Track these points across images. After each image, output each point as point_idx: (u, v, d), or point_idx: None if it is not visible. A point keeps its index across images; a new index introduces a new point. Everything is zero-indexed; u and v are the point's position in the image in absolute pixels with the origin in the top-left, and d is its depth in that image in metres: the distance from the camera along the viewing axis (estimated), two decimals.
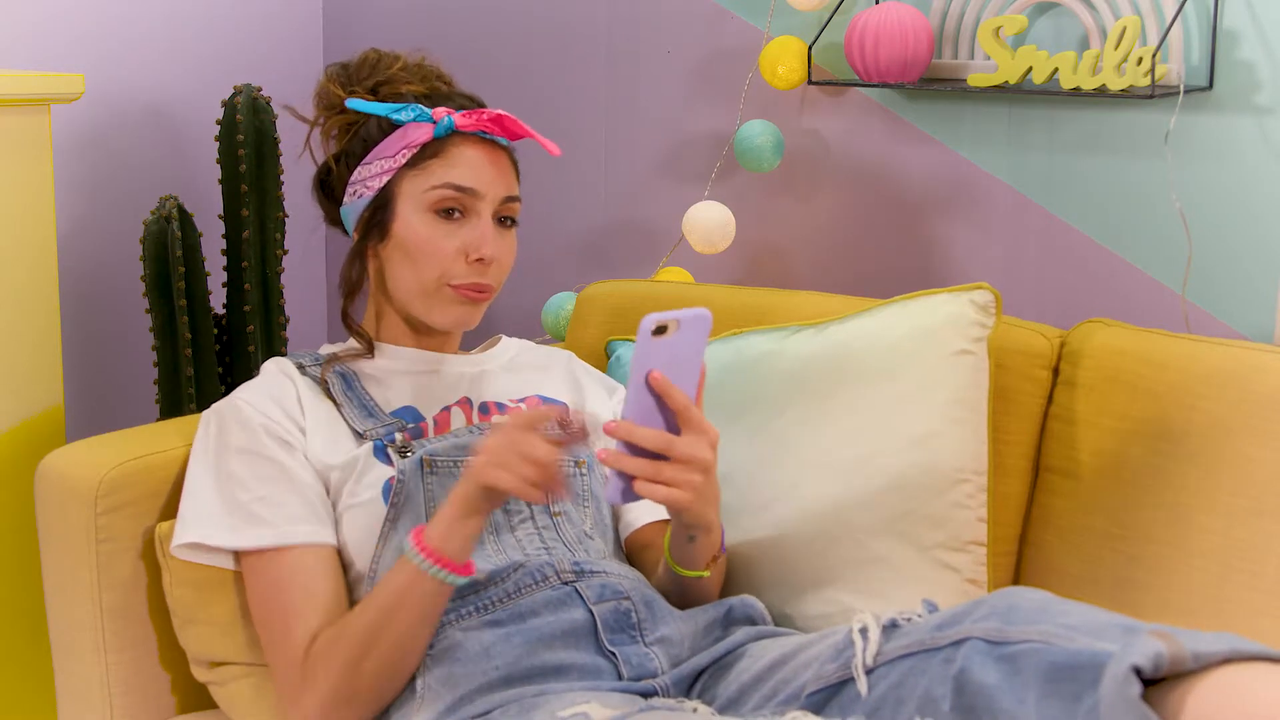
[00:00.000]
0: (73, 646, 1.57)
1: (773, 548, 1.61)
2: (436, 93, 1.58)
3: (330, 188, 1.62)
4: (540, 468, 1.29)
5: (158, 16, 2.28)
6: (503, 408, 1.60)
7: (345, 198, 1.59)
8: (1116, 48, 1.70)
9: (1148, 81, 1.68)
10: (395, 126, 1.55)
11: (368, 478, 1.48)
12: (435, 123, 1.53)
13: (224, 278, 2.16)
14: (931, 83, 1.91)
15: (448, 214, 1.53)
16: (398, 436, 1.51)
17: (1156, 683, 1.06)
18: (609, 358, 1.86)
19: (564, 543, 1.50)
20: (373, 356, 1.58)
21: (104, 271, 2.23)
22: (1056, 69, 1.75)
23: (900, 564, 1.57)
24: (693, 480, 1.32)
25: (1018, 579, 1.69)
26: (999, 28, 1.79)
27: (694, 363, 1.32)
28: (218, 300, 2.16)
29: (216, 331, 2.14)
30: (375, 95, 1.58)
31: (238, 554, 1.48)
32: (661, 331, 1.28)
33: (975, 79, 1.81)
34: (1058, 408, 1.68)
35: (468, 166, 1.53)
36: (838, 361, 1.66)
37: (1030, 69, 1.77)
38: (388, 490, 1.47)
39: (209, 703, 1.58)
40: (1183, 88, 1.72)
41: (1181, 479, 1.55)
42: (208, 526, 1.47)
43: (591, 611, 1.41)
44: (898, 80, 1.87)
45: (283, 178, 2.14)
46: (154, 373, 2.10)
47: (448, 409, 1.57)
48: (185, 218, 2.03)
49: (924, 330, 1.63)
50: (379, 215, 1.55)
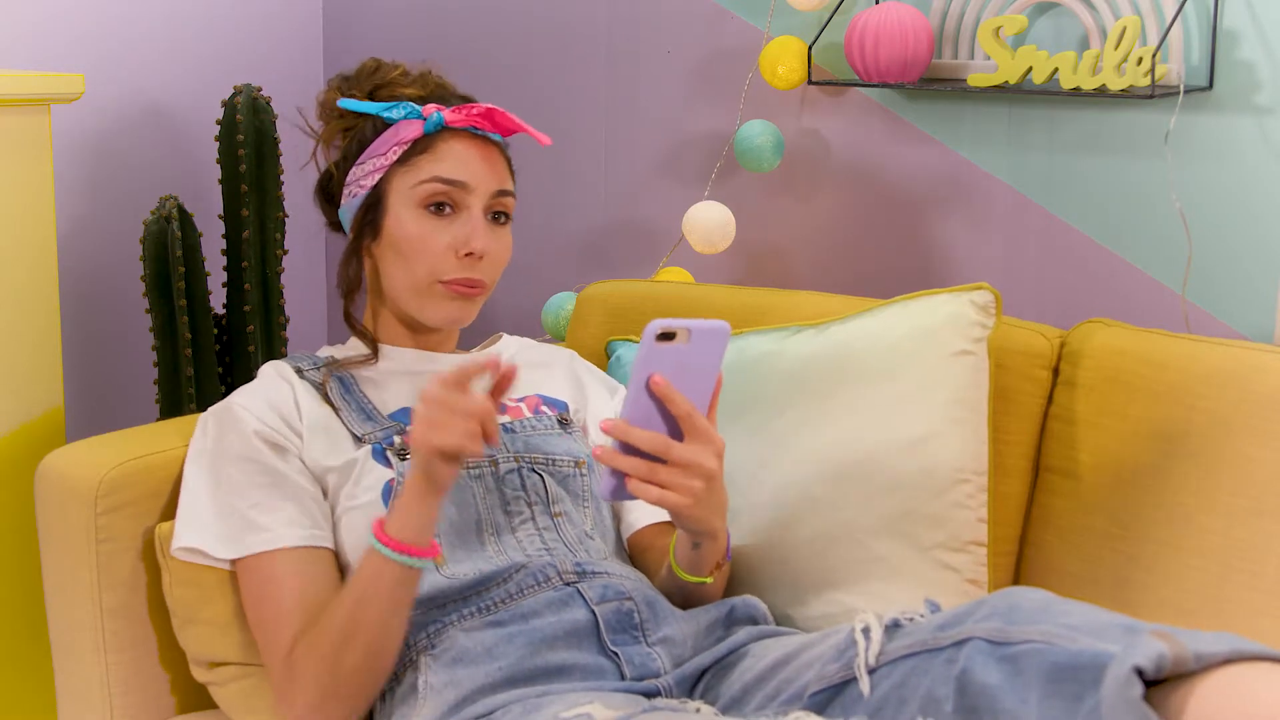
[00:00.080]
0: (73, 646, 1.57)
1: (773, 548, 1.61)
2: (433, 95, 1.59)
3: (330, 193, 1.62)
4: (476, 419, 1.29)
5: (158, 16, 2.27)
6: (503, 407, 1.60)
7: (342, 198, 1.59)
8: (1116, 48, 1.70)
9: (1148, 81, 1.68)
10: (388, 125, 1.55)
11: (366, 480, 1.48)
12: (425, 119, 1.53)
13: (224, 278, 2.16)
14: (931, 83, 1.90)
15: (438, 209, 1.53)
16: (396, 439, 1.50)
17: (1158, 683, 1.06)
18: (609, 357, 1.86)
19: (565, 543, 1.49)
20: (377, 361, 1.58)
21: (104, 271, 2.23)
22: (1056, 69, 1.75)
23: (900, 564, 1.57)
24: (691, 486, 1.31)
25: (1018, 579, 1.69)
26: (999, 28, 1.79)
27: (706, 373, 1.31)
28: (218, 300, 2.16)
29: (216, 331, 2.14)
30: (373, 99, 1.59)
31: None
32: (668, 338, 1.28)
33: (975, 79, 1.81)
34: (1058, 408, 1.68)
35: (456, 160, 1.53)
36: (838, 361, 1.66)
37: (1030, 69, 1.77)
38: (387, 492, 1.47)
39: (209, 703, 1.58)
40: (1183, 88, 1.72)
41: (1181, 479, 1.55)
42: (204, 534, 1.47)
43: (594, 612, 1.41)
44: (898, 80, 1.87)
45: (283, 178, 2.14)
46: (154, 373, 2.10)
47: None
48: (185, 218, 2.03)
49: (924, 330, 1.63)
50: (371, 213, 1.55)
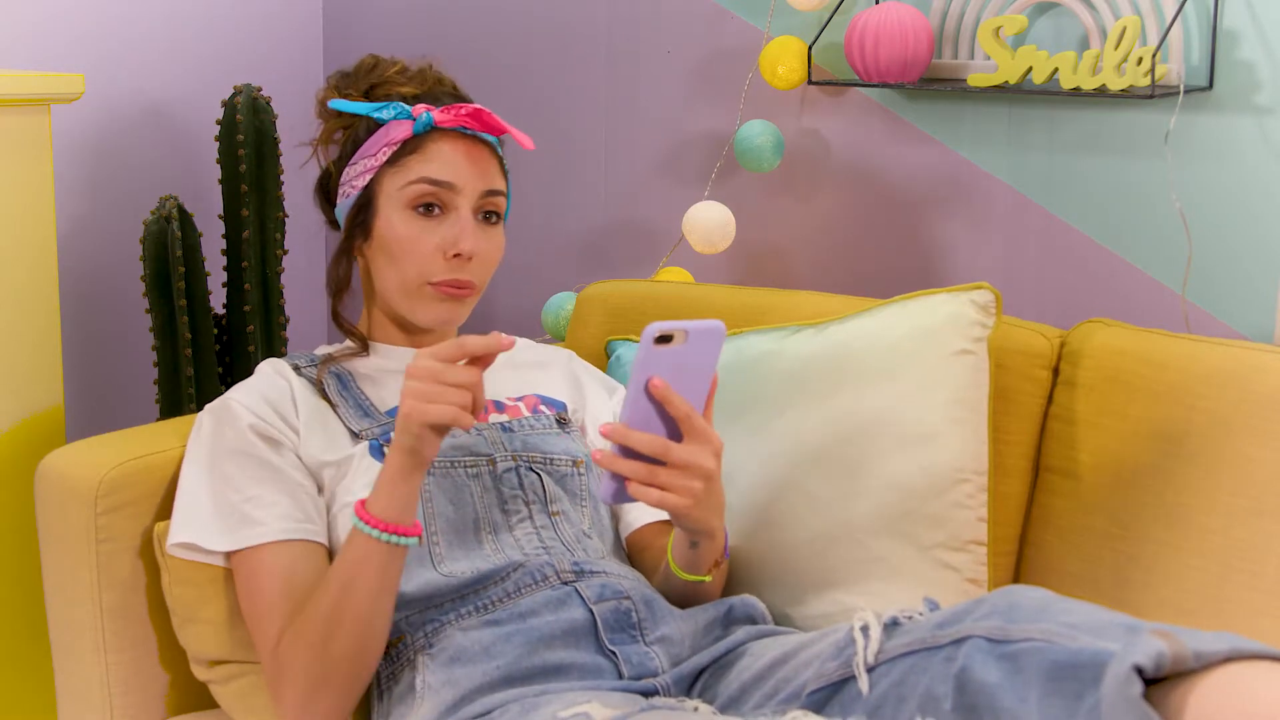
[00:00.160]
0: (73, 646, 1.57)
1: (773, 548, 1.61)
2: (428, 93, 1.59)
3: (329, 192, 1.62)
4: (468, 390, 1.30)
5: (158, 16, 2.27)
6: (501, 406, 1.60)
7: (338, 198, 1.60)
8: (1116, 48, 1.70)
9: (1148, 81, 1.68)
10: (380, 126, 1.55)
11: (363, 477, 1.48)
12: (415, 120, 1.53)
13: (224, 278, 2.16)
14: (931, 83, 1.90)
15: (427, 210, 1.53)
16: (393, 435, 1.50)
17: (1158, 681, 1.06)
18: (609, 357, 1.86)
19: (563, 542, 1.49)
20: (367, 354, 1.58)
21: (104, 271, 2.23)
22: (1056, 69, 1.75)
23: (900, 564, 1.57)
24: (691, 487, 1.31)
25: (1018, 579, 1.69)
26: (999, 28, 1.79)
27: (703, 373, 1.32)
28: (218, 300, 2.16)
29: (216, 331, 2.14)
30: (368, 97, 1.59)
31: (228, 552, 1.48)
32: (666, 340, 1.28)
33: (975, 79, 1.81)
34: (1058, 408, 1.68)
35: (443, 160, 1.53)
36: (838, 361, 1.66)
37: (1030, 69, 1.77)
38: None
39: (209, 702, 1.58)
40: (1183, 88, 1.72)
41: (1181, 479, 1.55)
42: (200, 528, 1.47)
43: (591, 611, 1.41)
44: (898, 80, 1.87)
45: (283, 178, 2.14)
46: (154, 373, 2.10)
47: None
48: (185, 218, 2.03)
49: (924, 330, 1.63)
50: (362, 214, 1.55)
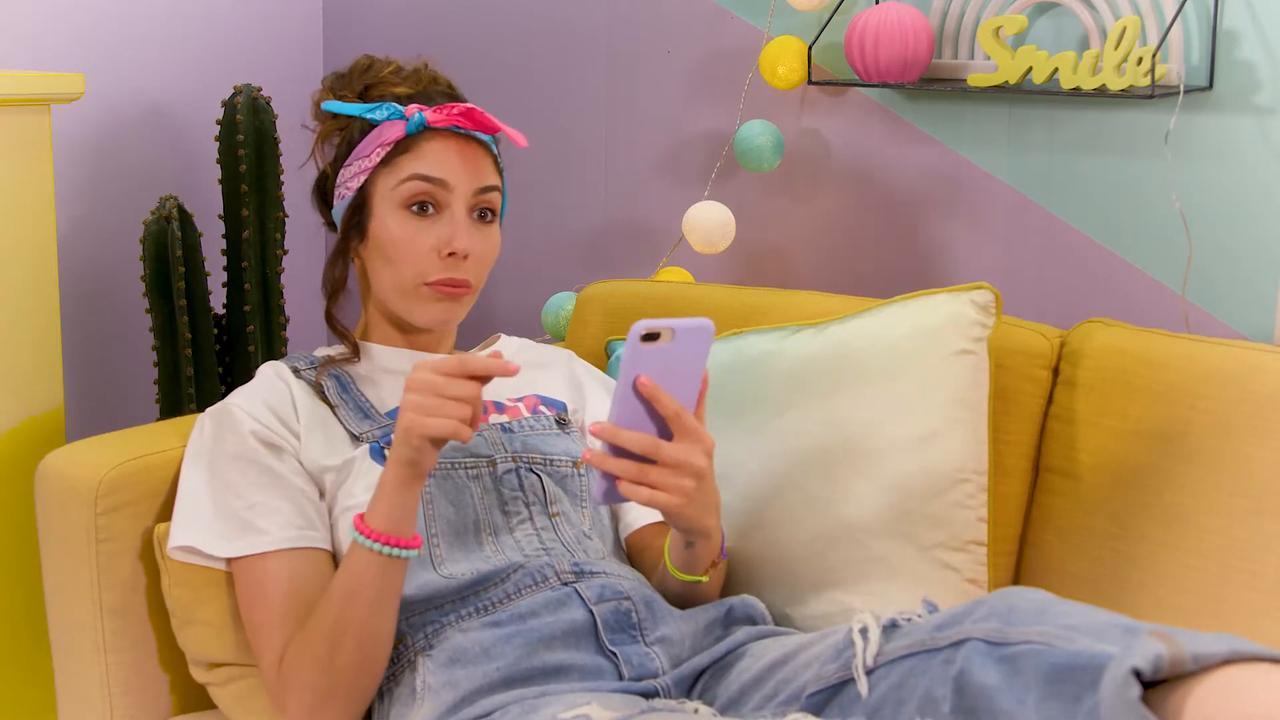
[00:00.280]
0: (73, 646, 1.57)
1: (772, 548, 1.61)
2: (422, 93, 1.58)
3: (326, 194, 1.62)
4: (466, 405, 1.30)
5: (158, 16, 2.27)
6: (501, 407, 1.60)
7: (334, 200, 1.59)
8: (1116, 48, 1.70)
9: (1148, 81, 1.68)
10: (374, 127, 1.55)
11: (365, 480, 1.48)
12: (408, 120, 1.53)
13: (224, 278, 2.16)
14: (931, 83, 1.90)
15: (421, 210, 1.53)
16: (392, 448, 1.50)
17: (1156, 684, 1.06)
18: (609, 357, 1.86)
19: (563, 543, 1.49)
20: (358, 359, 1.58)
21: (104, 271, 2.23)
22: (1056, 69, 1.75)
23: (900, 564, 1.57)
24: (682, 485, 1.31)
25: (1018, 579, 1.69)
26: (999, 28, 1.79)
27: (693, 371, 1.32)
28: (218, 300, 2.16)
29: (216, 331, 2.14)
30: (363, 99, 1.58)
31: (229, 559, 1.48)
32: (653, 338, 1.28)
33: (975, 79, 1.80)
34: (1058, 408, 1.68)
35: (436, 158, 1.53)
36: (838, 361, 1.66)
37: (1030, 69, 1.76)
38: None
39: (209, 703, 1.58)
40: (1183, 88, 1.72)
41: (1181, 479, 1.55)
42: (202, 533, 1.47)
43: (591, 612, 1.41)
44: (898, 80, 1.87)
45: (283, 178, 2.14)
46: (154, 373, 2.10)
47: None
48: (185, 218, 2.03)
49: (924, 330, 1.63)
50: (357, 216, 1.55)
